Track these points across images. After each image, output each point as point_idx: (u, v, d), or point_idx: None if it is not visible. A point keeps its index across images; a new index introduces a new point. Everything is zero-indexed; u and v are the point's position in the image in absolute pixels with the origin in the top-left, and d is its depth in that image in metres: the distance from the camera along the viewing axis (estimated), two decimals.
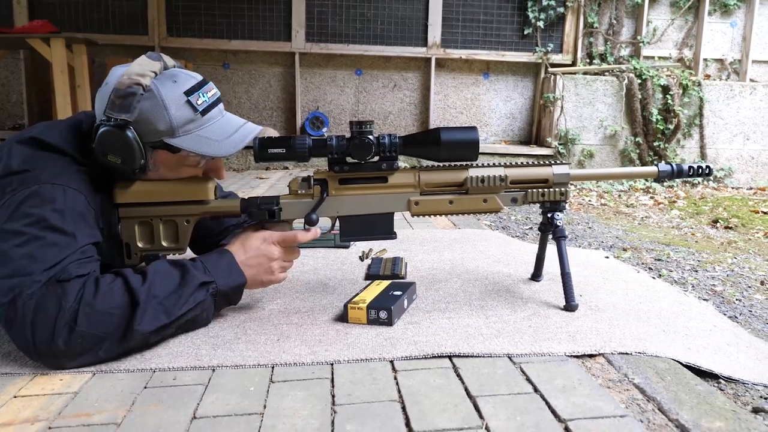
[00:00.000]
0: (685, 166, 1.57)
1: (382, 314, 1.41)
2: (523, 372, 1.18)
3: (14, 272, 1.17)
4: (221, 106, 1.43)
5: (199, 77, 1.39)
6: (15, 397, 1.12)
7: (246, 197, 1.49)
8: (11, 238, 1.19)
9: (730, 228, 3.57)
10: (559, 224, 1.56)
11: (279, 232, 1.45)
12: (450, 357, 1.25)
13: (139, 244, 1.43)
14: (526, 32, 5.98)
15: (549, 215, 1.58)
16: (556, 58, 6.01)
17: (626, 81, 5.66)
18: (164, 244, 1.44)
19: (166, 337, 1.31)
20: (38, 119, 5.48)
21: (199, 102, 1.35)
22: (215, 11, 5.79)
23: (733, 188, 5.63)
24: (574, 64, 5.99)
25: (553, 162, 1.56)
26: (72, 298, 1.16)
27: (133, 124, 1.30)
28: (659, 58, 6.06)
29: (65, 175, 1.27)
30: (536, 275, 1.80)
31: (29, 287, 1.16)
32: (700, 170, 1.56)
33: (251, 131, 1.42)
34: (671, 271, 2.46)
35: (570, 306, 1.51)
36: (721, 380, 1.27)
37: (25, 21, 5.35)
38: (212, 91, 1.40)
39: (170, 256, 1.52)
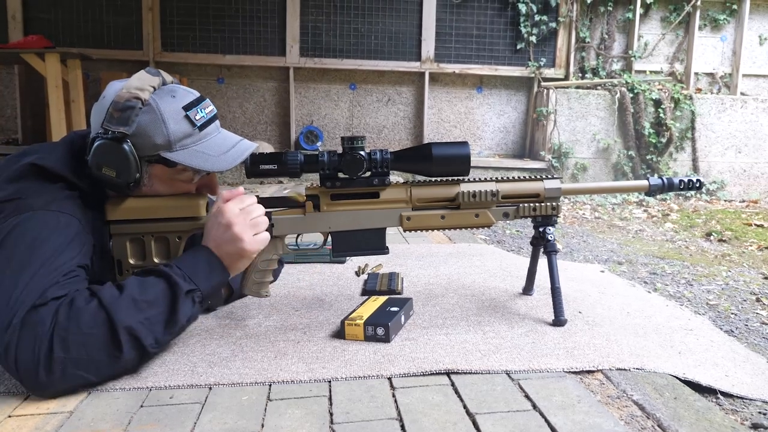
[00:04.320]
0: (676, 180, 1.58)
1: (380, 331, 1.41)
2: (521, 389, 1.18)
3: (5, 302, 1.13)
4: (218, 122, 1.44)
5: (197, 93, 1.40)
6: (9, 416, 1.11)
7: None
8: (3, 266, 1.17)
9: (724, 241, 3.58)
10: (550, 239, 1.56)
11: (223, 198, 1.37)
12: (448, 374, 1.25)
13: (131, 261, 1.42)
14: (518, 47, 6.02)
15: (540, 229, 1.58)
16: (548, 72, 6.05)
17: (618, 95, 5.70)
18: (156, 260, 1.43)
19: (160, 349, 1.28)
20: (32, 134, 5.46)
21: (197, 117, 1.35)
22: (210, 26, 5.81)
23: (725, 201, 5.67)
24: (566, 78, 6.03)
25: (544, 176, 1.56)
26: (48, 324, 1.11)
27: (131, 138, 1.30)
28: (651, 72, 6.12)
29: (58, 201, 1.27)
30: (527, 289, 1.80)
31: (13, 319, 1.11)
32: (691, 183, 1.57)
33: (247, 148, 1.42)
34: (667, 285, 2.47)
35: (558, 321, 1.51)
36: (719, 396, 1.27)
37: (19, 36, 5.35)
38: (209, 108, 1.40)
39: None
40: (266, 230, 1.39)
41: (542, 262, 1.69)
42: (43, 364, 1.11)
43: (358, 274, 2.06)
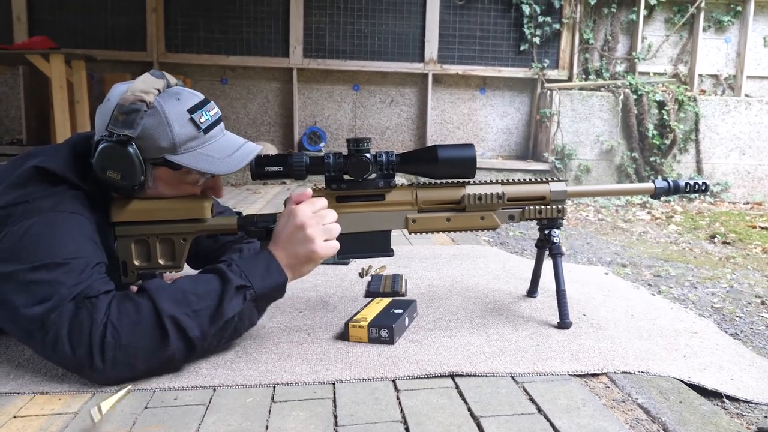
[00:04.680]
0: (682, 183, 1.57)
1: (384, 333, 1.41)
2: (526, 392, 1.18)
3: (36, 299, 1.17)
4: (222, 125, 1.43)
5: (202, 96, 1.40)
6: (14, 417, 1.11)
7: (244, 215, 1.49)
8: (25, 268, 1.19)
9: (728, 243, 3.57)
10: (555, 241, 1.56)
11: (302, 203, 1.35)
12: (452, 376, 1.25)
13: (136, 263, 1.43)
14: (522, 48, 6.02)
15: (546, 232, 1.57)
16: (552, 73, 6.05)
17: (622, 96, 5.69)
18: (161, 262, 1.44)
19: (211, 348, 1.28)
20: (36, 134, 5.48)
21: (202, 120, 1.35)
22: (214, 27, 5.82)
23: (729, 203, 5.65)
24: (570, 79, 6.03)
25: (550, 179, 1.56)
26: (102, 313, 1.16)
27: (135, 140, 1.30)
28: (654, 73, 6.11)
29: (66, 202, 1.28)
30: (532, 291, 1.80)
31: (56, 308, 1.16)
32: (697, 186, 1.56)
33: (252, 150, 1.42)
34: (671, 288, 2.46)
35: (564, 323, 1.51)
36: (724, 399, 1.27)
37: (24, 37, 5.37)
38: (214, 110, 1.40)
39: (166, 274, 1.52)
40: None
41: (546, 264, 1.69)
42: (98, 349, 1.15)
43: (361, 275, 2.06)
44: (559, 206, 1.54)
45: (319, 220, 1.34)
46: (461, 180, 1.50)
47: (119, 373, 1.19)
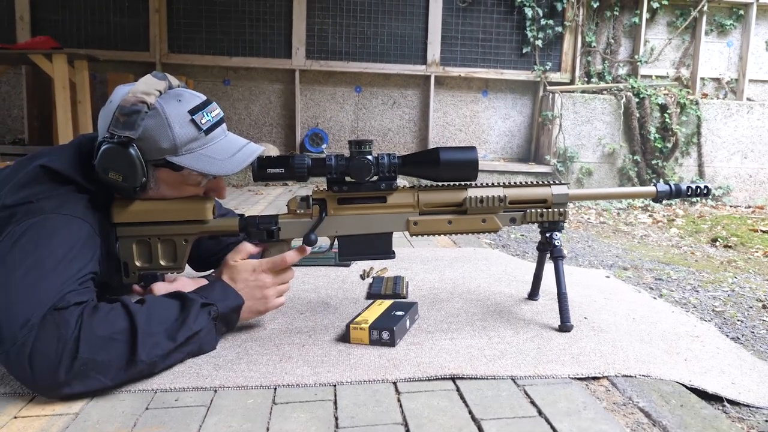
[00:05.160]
0: (684, 186, 1.57)
1: (385, 335, 1.40)
2: (527, 394, 1.18)
3: (17, 303, 1.14)
4: (224, 126, 1.44)
5: (204, 97, 1.40)
6: (15, 417, 1.11)
7: (245, 216, 1.49)
8: (14, 269, 1.17)
9: (730, 247, 3.57)
10: (557, 244, 1.55)
11: (266, 259, 1.44)
12: (453, 379, 1.25)
13: (137, 263, 1.43)
14: (524, 51, 6.03)
15: (547, 235, 1.57)
16: (554, 76, 6.05)
17: (624, 99, 5.70)
18: (162, 263, 1.44)
19: (174, 364, 1.28)
20: (38, 134, 5.49)
21: (203, 121, 1.36)
22: (216, 28, 5.83)
23: (731, 206, 5.65)
24: (572, 82, 6.03)
25: (551, 182, 1.56)
26: (72, 326, 1.13)
27: (137, 142, 1.30)
28: (657, 77, 6.11)
29: (70, 204, 1.27)
30: (533, 294, 1.79)
31: (30, 319, 1.12)
32: (699, 190, 1.56)
33: (254, 151, 1.42)
34: (672, 291, 2.46)
35: (565, 327, 1.51)
36: (725, 403, 1.27)
37: (27, 37, 5.39)
38: (216, 111, 1.40)
39: (168, 275, 1.52)
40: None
41: (548, 267, 1.69)
42: (65, 364, 1.11)
43: (363, 277, 2.06)
44: (561, 209, 1.54)
45: (279, 281, 1.45)
46: (463, 182, 1.50)
47: (86, 387, 1.15)
